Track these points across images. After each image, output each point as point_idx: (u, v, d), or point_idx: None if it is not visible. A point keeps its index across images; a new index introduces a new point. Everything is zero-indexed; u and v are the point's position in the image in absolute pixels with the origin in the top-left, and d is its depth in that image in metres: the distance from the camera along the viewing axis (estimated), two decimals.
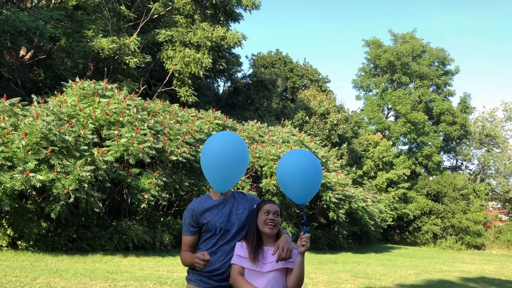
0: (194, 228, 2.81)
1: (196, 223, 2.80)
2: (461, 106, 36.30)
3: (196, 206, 2.83)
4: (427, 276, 12.02)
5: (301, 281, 2.62)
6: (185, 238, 2.84)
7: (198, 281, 2.75)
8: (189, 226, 2.81)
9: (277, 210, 2.82)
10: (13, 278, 6.72)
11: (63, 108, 11.82)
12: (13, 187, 8.93)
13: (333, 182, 17.16)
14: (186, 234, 2.84)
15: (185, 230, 2.83)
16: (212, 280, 2.74)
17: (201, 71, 19.41)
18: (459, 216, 30.64)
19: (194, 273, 2.79)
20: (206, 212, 2.81)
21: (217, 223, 2.78)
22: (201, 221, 2.80)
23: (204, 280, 2.75)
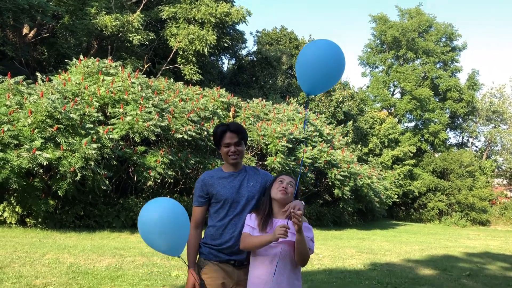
0: (203, 199, 2.82)
1: (205, 194, 2.81)
2: (469, 82, 35.88)
3: (207, 176, 2.84)
4: (432, 252, 12.09)
5: (304, 257, 2.62)
6: (194, 208, 2.88)
7: (209, 254, 2.77)
8: (198, 197, 2.84)
9: (291, 181, 2.79)
10: (23, 254, 6.82)
11: (68, 86, 11.79)
12: (20, 165, 8.99)
13: (338, 160, 17.15)
14: (195, 205, 2.87)
15: (195, 200, 2.86)
16: (222, 253, 2.74)
17: (205, 48, 19.26)
18: (464, 192, 30.64)
19: (204, 246, 2.81)
20: (217, 181, 2.81)
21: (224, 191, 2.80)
22: (210, 191, 2.80)
23: (214, 253, 2.76)
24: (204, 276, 2.71)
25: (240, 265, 2.77)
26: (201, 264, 2.79)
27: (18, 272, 5.57)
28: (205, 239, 2.84)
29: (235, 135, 2.82)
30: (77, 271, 5.94)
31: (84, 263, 6.61)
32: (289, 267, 2.67)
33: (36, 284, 5.08)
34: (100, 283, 5.39)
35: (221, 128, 2.88)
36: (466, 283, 7.45)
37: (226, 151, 2.82)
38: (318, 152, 16.23)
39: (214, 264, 2.73)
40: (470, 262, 10.59)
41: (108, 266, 6.50)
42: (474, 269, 9.35)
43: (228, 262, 2.74)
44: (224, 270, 2.72)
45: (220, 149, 2.88)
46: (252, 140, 15.11)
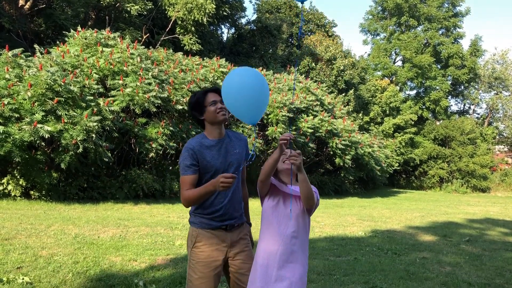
0: (196, 167, 2.73)
1: (197, 162, 2.73)
2: (471, 49, 35.46)
3: (195, 144, 2.75)
4: (432, 218, 12.23)
5: (309, 195, 2.61)
6: (187, 177, 2.71)
7: (201, 223, 2.78)
8: (190, 165, 2.71)
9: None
10: (29, 226, 6.92)
11: (66, 58, 11.68)
12: (22, 138, 9.02)
13: (340, 129, 17.16)
14: (188, 173, 2.71)
15: (186, 169, 2.71)
16: (214, 221, 2.76)
17: (204, 17, 18.97)
18: (465, 160, 30.75)
19: (196, 215, 2.81)
20: (206, 150, 2.75)
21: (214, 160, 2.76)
22: (200, 160, 2.73)
23: (205, 222, 2.77)
24: (198, 244, 2.74)
25: (231, 228, 2.81)
26: (194, 233, 2.78)
27: (24, 243, 5.67)
28: (194, 209, 2.82)
29: (217, 95, 2.80)
30: (82, 242, 6.04)
31: (89, 233, 6.71)
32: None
33: (42, 255, 5.17)
34: (105, 253, 5.49)
35: (200, 91, 2.86)
36: (465, 248, 7.57)
37: (214, 109, 2.75)
38: (319, 121, 16.22)
39: (207, 231, 2.76)
40: (470, 228, 10.72)
41: (112, 236, 6.60)
42: (474, 234, 9.48)
43: (220, 228, 2.77)
44: (217, 236, 2.76)
45: (204, 112, 2.79)
46: None
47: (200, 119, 2.83)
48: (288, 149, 2.68)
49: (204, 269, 2.69)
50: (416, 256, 6.62)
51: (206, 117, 2.80)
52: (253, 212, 3.40)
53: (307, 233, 2.78)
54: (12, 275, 4.29)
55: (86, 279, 4.41)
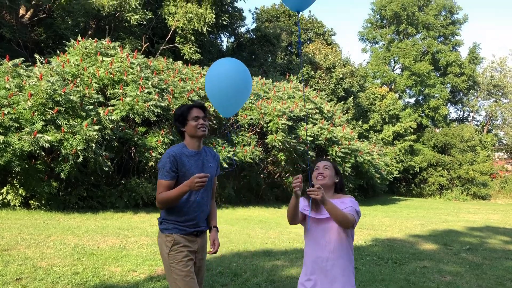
0: (175, 173, 2.85)
1: (176, 168, 2.85)
2: (470, 56, 35.61)
3: (177, 151, 2.89)
4: (432, 227, 12.22)
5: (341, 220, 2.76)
6: (165, 182, 2.84)
7: (174, 229, 2.87)
8: (170, 170, 2.84)
9: (326, 165, 2.96)
10: (28, 236, 6.90)
11: (67, 68, 11.73)
12: (22, 148, 9.02)
13: (339, 137, 17.18)
14: (166, 178, 2.84)
15: (165, 174, 2.83)
16: (187, 227, 2.90)
17: (204, 27, 19.07)
18: (465, 167, 30.74)
19: (168, 222, 2.90)
20: (186, 158, 2.89)
21: (192, 169, 2.91)
22: (180, 167, 2.86)
23: (179, 227, 2.88)
24: (175, 247, 2.85)
25: (200, 234, 2.99)
26: (169, 238, 2.87)
27: (23, 254, 5.65)
28: (167, 216, 2.92)
29: (201, 111, 3.00)
30: (81, 252, 6.02)
31: (89, 244, 6.69)
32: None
33: (41, 266, 5.16)
34: (104, 263, 5.47)
35: (186, 105, 3.03)
36: (466, 257, 7.55)
37: (195, 124, 2.94)
38: (318, 129, 16.24)
39: (181, 236, 2.88)
40: (470, 236, 10.70)
41: (112, 246, 6.59)
42: (474, 243, 9.46)
43: (192, 233, 2.92)
44: (188, 240, 2.90)
45: (185, 125, 2.96)
46: (252, 119, 15.10)
47: (181, 130, 3.02)
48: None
49: (185, 268, 2.81)
50: (417, 265, 6.61)
51: (187, 130, 2.99)
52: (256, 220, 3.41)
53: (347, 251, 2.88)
54: (11, 286, 4.28)
55: None
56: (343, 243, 2.85)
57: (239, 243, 7.75)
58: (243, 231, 9.39)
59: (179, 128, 3.02)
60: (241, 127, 15.55)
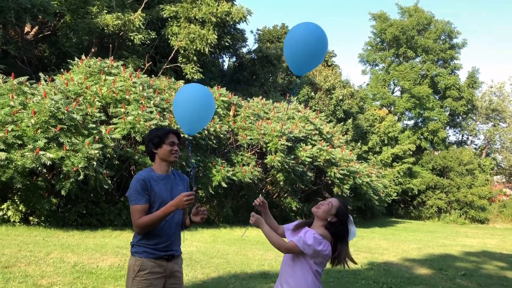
0: (148, 196, 2.88)
1: (148, 192, 2.88)
2: (468, 81, 35.95)
3: (146, 175, 2.93)
4: (429, 251, 12.27)
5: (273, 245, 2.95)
6: (140, 206, 2.86)
7: (144, 252, 2.89)
8: (143, 193, 2.86)
9: (330, 201, 3.08)
10: (28, 253, 6.98)
11: (70, 86, 11.93)
12: (24, 165, 9.15)
13: (338, 158, 17.31)
14: (141, 202, 2.86)
15: (140, 198, 2.86)
16: (158, 251, 2.92)
17: (206, 47, 19.38)
18: (464, 190, 30.79)
19: (139, 245, 2.92)
20: (154, 182, 2.93)
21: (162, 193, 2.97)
22: (150, 190, 2.89)
23: (149, 251, 2.90)
24: (141, 273, 2.85)
25: (171, 258, 3.00)
26: (137, 262, 2.89)
27: (24, 272, 5.73)
28: (138, 240, 2.95)
29: (176, 137, 3.09)
30: (81, 271, 6.10)
31: (88, 262, 6.77)
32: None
33: (42, 284, 5.24)
34: (104, 282, 5.55)
35: (164, 129, 3.13)
36: (461, 283, 7.62)
37: (170, 149, 3.01)
38: (317, 150, 16.39)
39: (151, 260, 2.90)
40: (466, 261, 10.76)
41: (111, 265, 6.67)
42: (470, 268, 9.52)
43: (162, 257, 2.93)
44: (158, 265, 2.91)
45: (159, 148, 3.02)
46: (252, 139, 15.26)
47: (153, 151, 3.05)
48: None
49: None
50: None
51: (160, 153, 3.03)
52: None
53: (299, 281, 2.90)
54: None
55: None
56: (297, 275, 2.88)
57: (236, 264, 7.82)
58: (241, 252, 9.46)
59: (151, 149, 3.04)
60: (241, 147, 15.71)
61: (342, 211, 2.99)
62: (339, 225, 2.95)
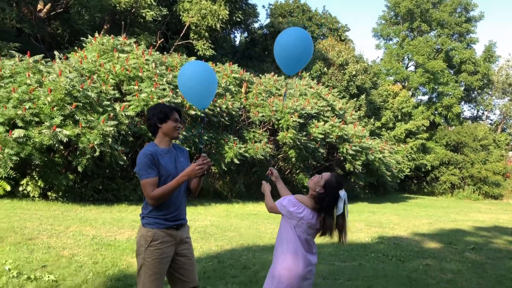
0: (157, 170, 3.00)
1: (156, 166, 3.00)
2: (485, 55, 35.32)
3: (152, 150, 3.04)
4: (440, 226, 12.37)
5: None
6: (152, 179, 2.97)
7: (155, 223, 3.03)
8: (152, 167, 2.98)
9: (323, 175, 3.23)
10: (49, 226, 7.26)
11: (84, 64, 12.09)
12: (41, 142, 9.40)
13: (350, 134, 17.32)
14: (151, 176, 2.97)
15: (150, 172, 2.97)
16: (168, 221, 3.06)
17: (218, 23, 19.33)
18: (478, 166, 30.66)
19: (150, 216, 3.05)
20: (160, 156, 3.05)
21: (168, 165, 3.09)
22: (158, 164, 3.01)
23: (160, 222, 3.03)
24: (154, 243, 2.99)
25: (180, 227, 3.15)
26: (149, 233, 3.02)
27: (46, 244, 6.00)
28: (148, 211, 3.07)
29: (178, 115, 3.22)
30: (100, 243, 6.35)
31: (106, 235, 7.03)
32: None
33: (64, 255, 5.49)
34: (122, 254, 5.79)
35: (169, 106, 3.24)
36: (469, 256, 7.74)
37: (174, 125, 3.14)
38: (330, 127, 16.42)
39: (162, 230, 3.04)
40: (476, 235, 10.85)
41: (128, 238, 6.91)
42: (480, 242, 9.62)
43: (172, 227, 3.08)
44: (169, 234, 3.06)
45: (164, 123, 3.13)
46: (264, 116, 15.35)
47: (157, 125, 3.15)
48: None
49: (158, 265, 2.98)
50: (420, 263, 6.82)
51: (164, 128, 3.14)
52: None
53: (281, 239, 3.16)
54: (38, 273, 4.61)
55: (106, 278, 4.71)
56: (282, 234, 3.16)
57: (249, 237, 8.03)
58: (253, 226, 9.67)
59: (155, 123, 3.13)
60: (253, 124, 15.82)
61: (330, 184, 3.11)
62: (325, 196, 3.07)
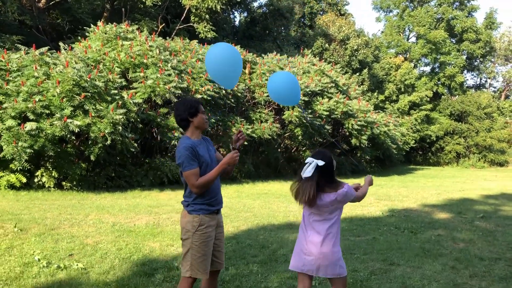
0: (197, 160, 3.20)
1: (196, 157, 3.20)
2: (486, 22, 35.04)
3: (190, 142, 3.23)
4: (448, 196, 12.56)
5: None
6: (195, 170, 3.16)
7: (201, 210, 3.24)
8: (194, 158, 3.17)
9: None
10: (68, 216, 7.47)
11: (89, 53, 12.16)
12: (53, 133, 9.57)
13: (355, 109, 17.42)
14: (194, 167, 3.16)
15: (192, 163, 3.16)
16: (211, 206, 3.29)
17: (218, 4, 19.24)
18: (483, 134, 30.77)
19: (195, 203, 3.24)
20: (198, 148, 3.25)
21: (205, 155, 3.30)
22: (198, 156, 3.21)
23: (204, 208, 3.25)
24: (201, 228, 3.22)
25: (218, 211, 3.40)
26: (196, 219, 3.22)
27: (69, 233, 6.20)
28: (193, 199, 3.25)
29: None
30: (121, 230, 6.56)
31: (125, 221, 7.23)
32: None
33: (88, 243, 5.70)
34: (143, 239, 5.99)
35: (196, 100, 3.42)
36: (479, 225, 7.92)
37: (204, 117, 3.35)
38: (334, 103, 16.50)
39: (207, 216, 3.27)
40: (485, 204, 11.04)
41: (147, 223, 7.12)
42: (489, 210, 9.81)
43: (213, 212, 3.31)
44: (212, 218, 3.30)
45: (195, 117, 3.30)
46: (268, 95, 15.41)
47: (189, 120, 3.31)
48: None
49: (205, 248, 3.21)
50: (431, 233, 7.01)
51: (195, 121, 3.32)
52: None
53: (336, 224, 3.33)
54: (66, 261, 4.82)
55: (131, 264, 4.91)
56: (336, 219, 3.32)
57: (263, 217, 8.23)
58: (265, 205, 9.87)
59: (187, 118, 3.29)
60: (258, 104, 15.91)
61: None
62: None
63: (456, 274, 4.92)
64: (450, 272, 4.96)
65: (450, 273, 4.94)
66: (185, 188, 3.29)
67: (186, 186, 3.27)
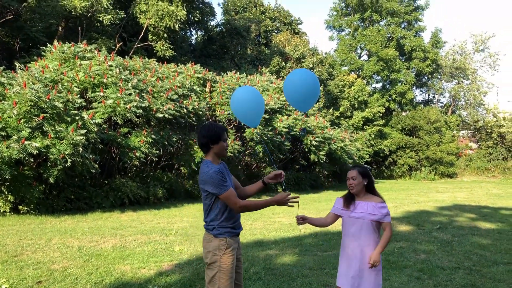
0: (227, 182, 3.33)
1: (226, 179, 3.33)
2: (432, 40, 36.87)
3: (218, 167, 3.35)
4: (405, 208, 13.03)
5: None
6: (231, 191, 3.29)
7: (226, 232, 3.35)
8: (226, 180, 3.30)
9: (354, 175, 3.66)
10: (30, 241, 7.24)
11: (46, 73, 11.89)
12: (10, 156, 9.26)
13: (313, 126, 17.85)
14: (229, 187, 3.29)
15: (226, 185, 3.28)
16: (235, 229, 3.42)
17: (176, 24, 19.31)
18: (433, 148, 32.10)
19: (221, 227, 3.34)
20: (223, 172, 3.38)
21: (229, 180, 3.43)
22: (226, 179, 3.35)
23: (230, 231, 3.36)
24: (228, 251, 3.31)
25: (239, 234, 3.51)
26: (222, 242, 3.33)
27: (34, 259, 6.02)
28: (219, 222, 3.36)
29: (226, 134, 3.54)
30: (88, 254, 6.43)
31: (91, 245, 7.09)
32: None
33: (56, 268, 5.55)
34: (113, 263, 5.90)
35: (220, 126, 3.49)
36: (437, 236, 8.31)
37: (225, 145, 3.45)
38: (293, 120, 16.85)
39: (232, 238, 3.38)
40: (440, 215, 11.55)
41: (113, 246, 7.01)
42: (444, 221, 10.28)
43: (237, 234, 3.45)
44: (235, 241, 3.42)
45: (218, 143, 3.40)
46: (230, 113, 15.56)
47: (209, 146, 3.41)
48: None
49: (232, 270, 3.32)
50: (394, 246, 7.29)
51: (216, 148, 3.42)
52: None
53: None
54: None
55: None
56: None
57: None
58: None
59: (208, 144, 3.40)
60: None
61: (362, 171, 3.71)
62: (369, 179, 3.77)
63: (421, 284, 5.16)
64: (416, 283, 5.20)
65: (416, 283, 5.18)
66: (208, 212, 3.36)
67: (210, 210, 3.35)
